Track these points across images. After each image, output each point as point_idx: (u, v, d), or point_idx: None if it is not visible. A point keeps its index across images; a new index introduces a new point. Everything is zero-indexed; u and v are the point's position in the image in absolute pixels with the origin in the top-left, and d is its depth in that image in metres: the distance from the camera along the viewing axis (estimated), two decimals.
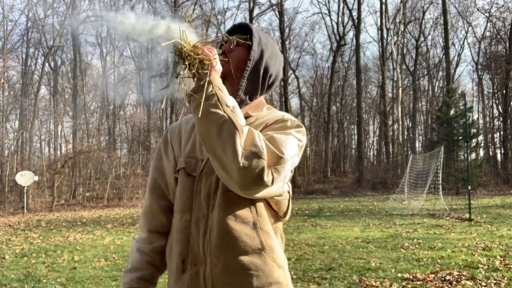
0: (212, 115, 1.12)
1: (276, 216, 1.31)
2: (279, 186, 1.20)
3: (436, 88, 35.49)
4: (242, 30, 1.38)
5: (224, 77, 1.30)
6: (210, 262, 1.21)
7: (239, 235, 1.20)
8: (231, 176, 1.12)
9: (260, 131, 1.24)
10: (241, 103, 1.31)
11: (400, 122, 28.44)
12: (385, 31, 28.87)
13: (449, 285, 4.57)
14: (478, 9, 37.12)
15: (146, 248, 1.37)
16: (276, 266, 1.23)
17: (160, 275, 1.41)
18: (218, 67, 1.20)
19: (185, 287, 1.24)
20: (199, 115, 1.13)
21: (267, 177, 1.12)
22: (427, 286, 4.58)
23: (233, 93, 1.30)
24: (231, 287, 1.20)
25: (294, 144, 1.20)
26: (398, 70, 28.31)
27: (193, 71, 1.17)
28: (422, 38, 33.59)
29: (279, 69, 1.41)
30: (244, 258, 1.20)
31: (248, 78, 1.33)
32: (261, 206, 1.25)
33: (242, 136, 1.11)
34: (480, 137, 26.60)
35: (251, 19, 28.80)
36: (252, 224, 1.22)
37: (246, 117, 1.29)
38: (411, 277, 4.91)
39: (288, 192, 1.30)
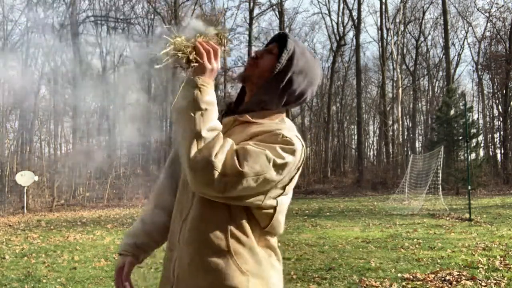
0: (183, 114, 1.18)
1: (261, 228, 1.31)
2: (257, 198, 1.22)
3: (436, 88, 35.51)
4: (282, 40, 1.38)
5: (245, 80, 1.37)
6: (180, 250, 1.29)
7: (207, 234, 1.25)
8: (186, 174, 1.19)
9: (248, 139, 1.24)
10: (252, 108, 1.34)
11: (400, 122, 28.44)
12: (385, 31, 28.89)
13: (449, 285, 4.57)
14: (478, 9, 37.17)
15: (148, 220, 1.48)
16: (239, 272, 1.23)
17: (156, 248, 1.49)
18: (210, 65, 1.23)
19: (164, 264, 1.38)
20: (174, 111, 1.21)
21: (216, 185, 1.14)
22: (427, 286, 4.58)
23: (248, 98, 1.35)
24: (191, 279, 1.26)
25: (263, 161, 1.17)
26: (398, 70, 28.31)
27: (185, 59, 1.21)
28: (422, 38, 33.61)
29: (309, 86, 1.38)
30: (207, 257, 1.24)
31: (265, 88, 1.33)
32: (238, 211, 1.26)
33: (201, 142, 1.15)
34: (480, 137, 26.61)
35: (251, 19, 28.82)
36: (223, 227, 1.25)
37: (251, 122, 1.30)
38: (411, 277, 4.91)
39: (274, 207, 1.28)
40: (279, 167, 1.21)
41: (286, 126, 1.33)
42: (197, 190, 1.20)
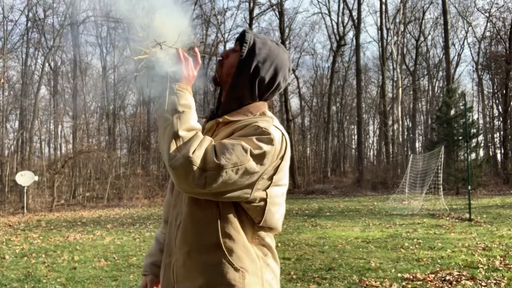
0: (162, 119, 1.24)
1: (254, 223, 1.32)
2: (244, 191, 1.24)
3: (436, 88, 35.52)
4: (243, 37, 1.42)
5: (216, 82, 1.42)
6: (176, 254, 1.32)
7: (198, 234, 1.28)
8: (170, 174, 1.23)
9: (228, 136, 1.28)
10: (229, 107, 1.37)
11: (400, 122, 28.44)
12: (385, 31, 28.90)
13: (449, 285, 4.57)
14: (478, 9, 37.29)
15: (160, 237, 1.57)
16: (232, 268, 1.25)
17: None
18: (186, 73, 1.29)
19: (163, 272, 1.39)
20: (156, 116, 1.29)
21: (197, 181, 1.16)
22: (427, 286, 4.58)
23: (225, 99, 1.39)
24: (187, 280, 1.29)
25: (239, 152, 1.19)
26: (398, 70, 28.31)
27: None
28: (422, 38, 33.61)
29: (277, 72, 1.39)
30: (198, 255, 1.27)
31: (235, 84, 1.37)
32: (227, 208, 1.28)
33: (179, 141, 1.19)
34: (480, 137, 26.64)
35: (251, 19, 28.81)
36: (213, 225, 1.27)
37: (232, 121, 1.34)
38: (411, 277, 4.91)
39: (265, 200, 1.29)
40: (258, 157, 1.22)
41: (265, 118, 1.34)
42: (180, 187, 1.22)
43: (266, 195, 1.29)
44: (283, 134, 1.31)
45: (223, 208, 1.28)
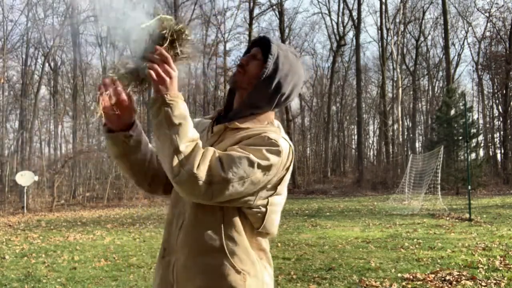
0: (158, 132, 1.20)
1: (253, 227, 1.33)
2: (248, 199, 1.26)
3: (436, 88, 35.51)
4: (264, 43, 1.42)
5: (236, 87, 1.40)
6: (177, 253, 1.31)
7: (201, 236, 1.28)
8: (174, 187, 1.23)
9: (234, 144, 1.28)
10: (242, 114, 1.37)
11: (400, 122, 28.45)
12: (385, 31, 28.89)
13: (449, 285, 4.57)
14: (478, 9, 37.27)
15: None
16: (234, 270, 1.26)
17: (136, 160, 1.41)
18: (167, 77, 1.19)
19: (160, 271, 1.37)
20: (153, 129, 1.22)
21: (204, 194, 1.18)
22: (427, 286, 4.58)
23: (240, 104, 1.38)
24: (187, 282, 1.28)
25: (246, 165, 1.20)
26: (398, 70, 28.31)
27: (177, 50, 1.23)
28: (422, 38, 33.59)
29: (295, 86, 1.41)
30: (200, 257, 1.28)
31: (254, 93, 1.36)
32: (231, 212, 1.29)
33: (181, 156, 1.17)
34: (480, 137, 26.63)
35: (251, 19, 28.81)
36: (217, 228, 1.28)
37: (240, 128, 1.34)
38: (411, 277, 4.91)
39: (266, 207, 1.31)
40: (265, 169, 1.24)
41: (273, 128, 1.36)
42: (185, 198, 1.27)
43: (267, 202, 1.32)
44: (290, 145, 1.33)
45: (227, 212, 1.29)
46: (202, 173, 1.16)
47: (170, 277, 1.33)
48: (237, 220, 1.30)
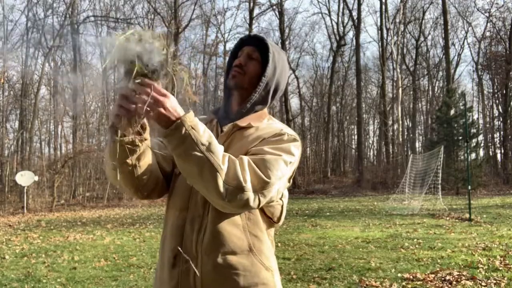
0: (190, 157, 1.10)
1: (270, 222, 1.37)
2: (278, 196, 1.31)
3: (436, 88, 35.51)
4: (257, 41, 1.45)
5: (237, 88, 1.42)
6: (201, 260, 1.26)
7: (229, 236, 1.28)
8: (217, 205, 1.20)
9: (256, 145, 1.30)
10: (246, 113, 1.41)
11: (400, 122, 28.44)
12: (385, 31, 28.89)
13: (449, 285, 4.57)
14: (478, 9, 37.43)
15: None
16: (264, 268, 1.30)
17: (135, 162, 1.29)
18: (169, 101, 1.10)
19: (173, 282, 1.28)
20: (178, 157, 1.12)
21: (253, 203, 1.18)
22: (427, 286, 4.58)
23: (242, 104, 1.41)
24: (219, 285, 1.26)
25: (283, 166, 1.24)
26: (398, 70, 28.30)
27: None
28: (422, 38, 33.61)
29: (284, 82, 1.49)
30: (233, 258, 1.27)
31: (255, 93, 1.41)
32: (254, 211, 1.31)
33: (223, 174, 1.12)
34: (480, 137, 26.64)
35: (251, 19, 28.81)
36: (242, 227, 1.30)
37: (248, 127, 1.37)
38: (411, 277, 4.91)
39: (281, 199, 1.36)
40: (293, 165, 1.31)
41: (280, 124, 1.42)
42: (232, 212, 1.25)
43: (282, 194, 1.37)
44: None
45: (250, 211, 1.31)
46: (249, 184, 1.16)
47: (191, 283, 1.27)
48: (259, 217, 1.33)
